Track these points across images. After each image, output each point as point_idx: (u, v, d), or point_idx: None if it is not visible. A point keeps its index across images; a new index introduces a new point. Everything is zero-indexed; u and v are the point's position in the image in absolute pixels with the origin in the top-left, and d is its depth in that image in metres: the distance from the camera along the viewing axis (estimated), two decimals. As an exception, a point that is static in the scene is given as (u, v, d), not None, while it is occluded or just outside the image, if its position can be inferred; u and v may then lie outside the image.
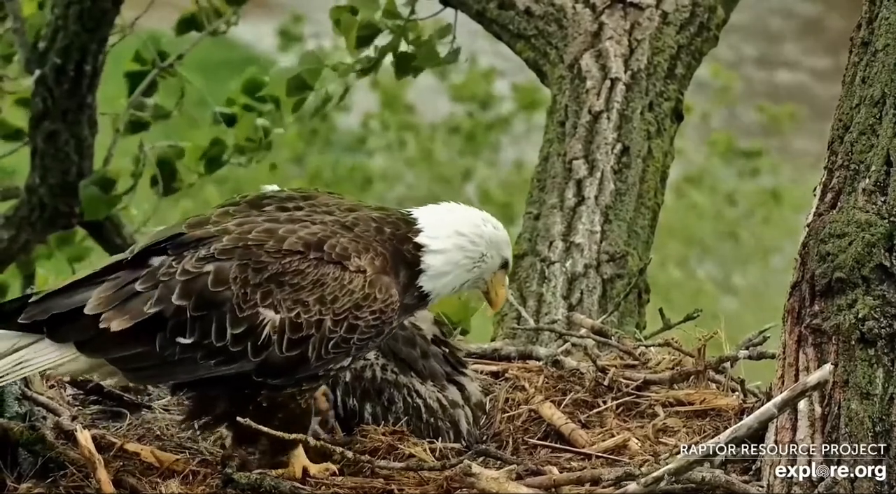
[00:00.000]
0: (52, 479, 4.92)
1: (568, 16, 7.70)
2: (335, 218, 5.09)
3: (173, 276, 4.89)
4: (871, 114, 4.98)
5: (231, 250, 4.92)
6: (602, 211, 7.24)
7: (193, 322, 4.86)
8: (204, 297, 4.87)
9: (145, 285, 4.89)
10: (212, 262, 4.89)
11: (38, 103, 9.12)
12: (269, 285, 4.90)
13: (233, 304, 4.88)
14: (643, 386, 5.73)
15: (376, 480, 4.96)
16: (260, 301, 4.89)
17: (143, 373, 4.93)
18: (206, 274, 4.88)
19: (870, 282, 4.87)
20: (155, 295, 4.87)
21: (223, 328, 4.87)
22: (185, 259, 4.91)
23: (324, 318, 4.93)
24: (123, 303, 4.88)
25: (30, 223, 9.41)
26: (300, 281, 4.93)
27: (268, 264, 4.92)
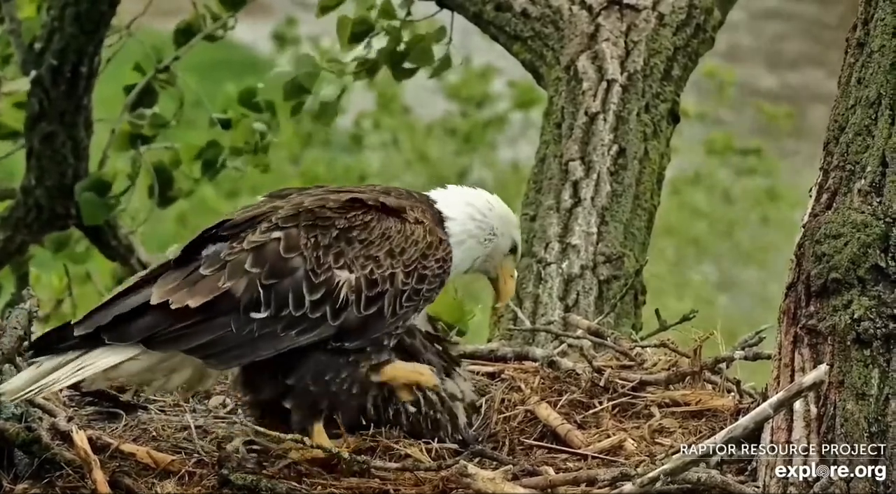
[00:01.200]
0: (49, 480, 4.92)
1: (564, 17, 7.70)
2: (364, 188, 5.09)
3: (241, 251, 4.82)
4: (867, 115, 4.99)
5: (295, 216, 4.88)
6: (598, 212, 7.24)
7: (268, 294, 4.80)
8: (276, 266, 4.81)
9: (212, 267, 4.83)
10: (278, 230, 4.85)
11: (34, 104, 9.11)
12: (340, 244, 4.86)
13: (307, 270, 4.82)
14: (639, 386, 5.73)
15: (372, 480, 4.96)
16: (333, 262, 4.84)
17: (224, 356, 4.84)
18: (276, 241, 4.83)
19: (865, 283, 4.87)
20: (226, 271, 4.80)
21: (300, 295, 4.81)
22: (247, 235, 4.85)
23: (395, 271, 4.92)
24: (192, 286, 4.81)
25: (26, 224, 9.40)
26: (368, 236, 4.91)
27: (334, 221, 4.87)
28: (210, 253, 4.89)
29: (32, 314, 5.46)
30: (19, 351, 5.34)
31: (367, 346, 4.95)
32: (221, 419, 5.45)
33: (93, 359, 4.85)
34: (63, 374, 4.84)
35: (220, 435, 5.22)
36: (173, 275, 4.87)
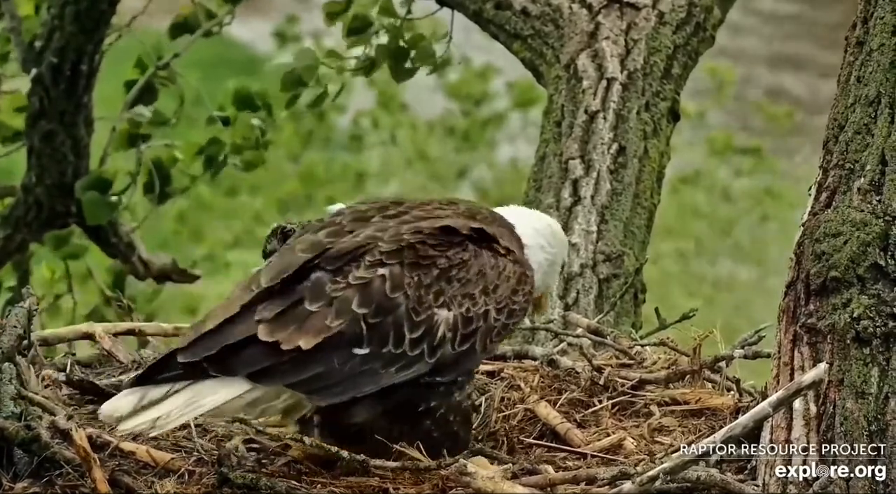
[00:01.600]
0: (48, 478, 4.90)
1: (564, 16, 7.71)
2: (449, 211, 5.08)
3: (346, 287, 4.82)
4: (867, 114, 4.98)
5: (398, 251, 4.88)
6: (598, 211, 7.24)
7: (371, 330, 4.81)
8: (381, 304, 4.82)
9: (317, 303, 4.81)
10: (383, 267, 4.85)
11: (34, 103, 9.12)
12: (440, 283, 4.88)
13: (408, 308, 4.84)
14: (639, 385, 5.73)
15: (372, 479, 4.96)
16: (433, 301, 4.87)
17: (328, 392, 4.83)
18: (382, 279, 4.84)
19: (865, 282, 4.87)
20: (333, 309, 4.80)
21: (401, 333, 4.83)
22: (350, 269, 4.85)
23: (489, 308, 4.94)
24: (301, 324, 4.79)
25: (26, 223, 9.40)
26: (465, 275, 4.93)
27: (436, 260, 4.89)
28: (312, 284, 4.85)
29: (32, 312, 5.46)
30: (19, 350, 5.34)
31: (458, 377, 5.01)
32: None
33: (204, 395, 4.79)
34: (176, 409, 4.77)
35: (219, 434, 5.22)
36: (276, 306, 4.83)
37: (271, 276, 4.86)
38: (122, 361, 5.93)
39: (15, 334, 5.32)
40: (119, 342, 6.08)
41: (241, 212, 19.40)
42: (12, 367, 5.19)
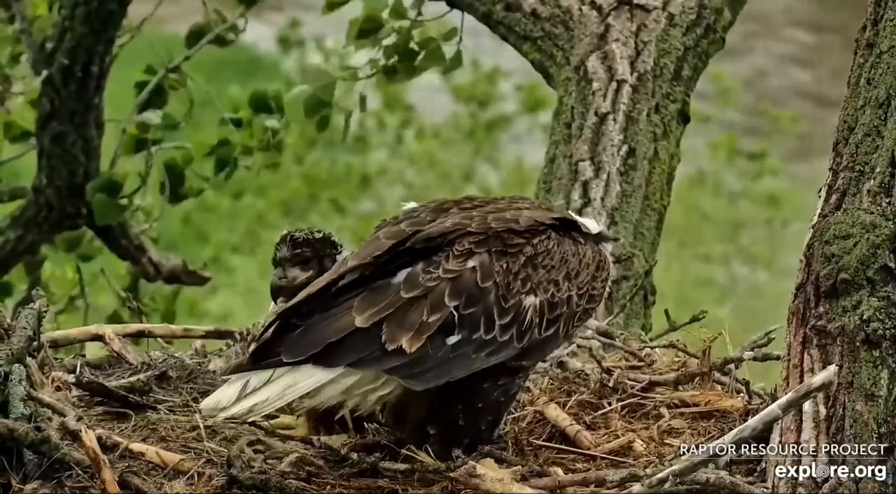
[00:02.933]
0: (58, 480, 4.92)
1: (574, 17, 7.71)
2: (527, 203, 5.23)
3: (439, 280, 4.92)
4: (876, 116, 4.98)
5: (485, 240, 5.00)
6: (608, 212, 7.24)
7: (462, 319, 4.92)
8: (472, 294, 4.93)
9: (412, 292, 4.90)
10: (472, 257, 4.97)
11: (45, 104, 9.13)
12: (527, 270, 5.01)
13: (497, 295, 4.96)
14: (648, 387, 5.73)
15: (381, 480, 4.96)
16: (521, 287, 4.98)
17: (423, 377, 4.91)
18: (473, 271, 4.95)
19: (874, 284, 4.87)
20: (427, 302, 4.89)
21: (491, 320, 4.94)
22: (440, 260, 4.95)
23: (571, 294, 5.08)
24: (402, 318, 4.87)
25: (36, 223, 9.41)
26: (549, 261, 5.06)
27: (522, 247, 5.02)
28: (406, 273, 4.94)
29: (41, 314, 5.47)
30: (29, 352, 5.35)
31: (535, 362, 5.23)
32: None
33: (301, 380, 4.86)
34: (273, 394, 4.84)
35: (228, 436, 5.23)
36: (372, 296, 4.91)
37: (359, 260, 4.96)
38: (131, 362, 5.94)
39: (25, 336, 5.33)
40: (129, 343, 6.09)
41: (245, 213, 19.41)
42: (22, 369, 5.19)
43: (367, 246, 5.04)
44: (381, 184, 20.59)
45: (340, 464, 5.04)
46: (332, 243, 5.59)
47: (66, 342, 6.20)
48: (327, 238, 5.59)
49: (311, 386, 4.85)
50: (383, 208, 20.26)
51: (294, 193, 19.78)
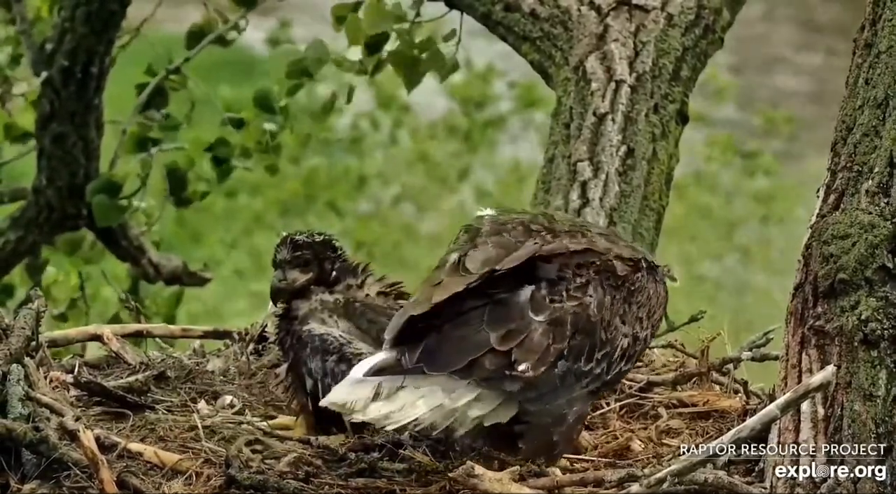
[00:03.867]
0: (56, 480, 4.92)
1: (573, 18, 7.70)
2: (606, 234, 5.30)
3: (563, 307, 4.96)
4: (875, 116, 4.98)
5: (602, 271, 5.06)
6: (607, 213, 7.24)
7: (572, 348, 4.98)
8: (587, 325, 5.00)
9: (540, 316, 4.93)
10: (590, 287, 5.02)
11: (45, 105, 9.13)
12: (625, 305, 5.10)
13: (602, 328, 5.03)
14: (646, 387, 5.74)
15: (379, 481, 4.97)
16: (619, 322, 5.07)
17: (538, 400, 4.98)
18: (589, 304, 5.01)
19: (873, 284, 4.87)
20: (552, 328, 4.94)
21: (593, 351, 5.01)
22: (563, 284, 4.99)
23: (648, 332, 5.19)
24: (531, 341, 4.90)
25: (37, 224, 9.42)
26: (640, 298, 5.14)
27: (626, 282, 5.10)
28: (532, 294, 4.95)
29: (40, 314, 5.47)
30: (27, 352, 5.36)
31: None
32: (229, 419, 5.45)
33: (435, 390, 4.87)
34: (407, 405, 4.85)
35: (227, 436, 5.23)
36: (500, 311, 4.92)
37: (480, 264, 4.96)
38: (129, 362, 5.95)
39: (23, 336, 5.33)
40: (127, 343, 6.10)
41: (241, 214, 19.40)
42: (20, 369, 5.21)
43: (478, 251, 5.02)
44: (377, 185, 20.58)
45: (339, 464, 5.05)
46: (333, 246, 5.60)
47: (64, 342, 6.20)
48: (328, 240, 5.60)
49: (441, 400, 4.86)
50: (380, 208, 20.26)
51: (291, 194, 19.77)
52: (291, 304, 5.57)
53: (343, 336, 5.44)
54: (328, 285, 5.58)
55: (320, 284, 5.58)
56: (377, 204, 20.32)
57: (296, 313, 5.55)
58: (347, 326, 5.50)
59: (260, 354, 6.12)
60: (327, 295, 5.56)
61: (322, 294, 5.56)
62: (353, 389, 4.84)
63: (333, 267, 5.59)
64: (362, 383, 4.84)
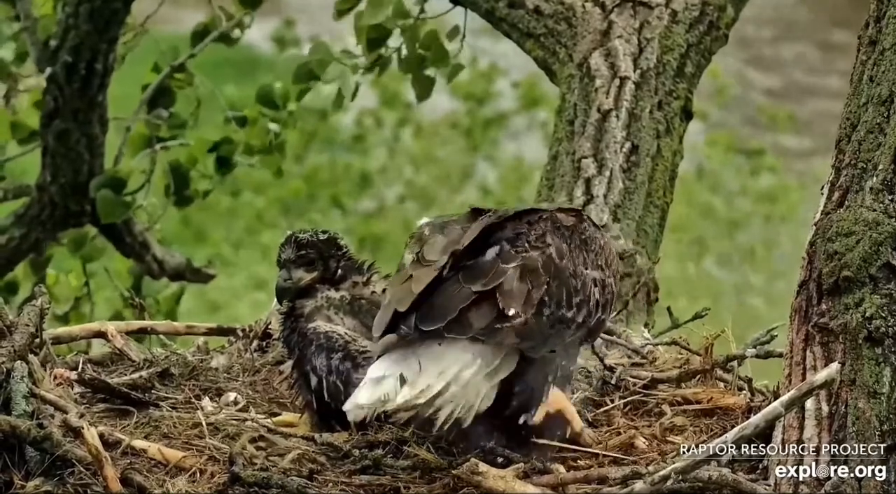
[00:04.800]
0: (60, 477, 4.92)
1: (577, 14, 7.70)
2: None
3: (529, 255, 5.03)
4: (879, 113, 4.98)
5: (553, 223, 5.13)
6: (611, 209, 7.23)
7: (551, 294, 5.02)
8: (558, 271, 5.04)
9: (512, 263, 4.98)
10: (548, 236, 5.08)
11: (49, 102, 9.13)
12: (582, 253, 5.13)
13: (572, 273, 5.07)
14: (650, 384, 5.73)
15: (383, 478, 4.97)
16: (584, 268, 5.12)
17: (535, 349, 5.01)
18: (552, 252, 5.05)
19: (877, 281, 4.87)
20: (528, 274, 4.98)
21: (570, 297, 5.05)
22: (521, 240, 5.07)
23: (610, 278, 5.21)
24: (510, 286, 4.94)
25: (40, 221, 9.43)
26: (594, 247, 5.17)
27: (576, 230, 5.15)
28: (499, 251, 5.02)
29: (44, 311, 5.47)
30: (31, 349, 5.36)
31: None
32: (233, 416, 5.45)
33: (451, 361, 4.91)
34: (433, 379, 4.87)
35: (231, 433, 5.23)
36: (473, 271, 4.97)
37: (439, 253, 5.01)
38: (133, 359, 5.94)
39: (27, 332, 5.33)
40: (131, 340, 6.10)
41: (244, 212, 19.41)
42: (24, 366, 5.21)
43: (432, 245, 5.06)
44: (380, 183, 20.59)
45: (342, 461, 5.05)
46: (337, 244, 5.60)
47: (68, 339, 6.20)
48: (332, 239, 5.60)
49: (457, 369, 4.88)
50: (383, 207, 20.26)
51: (294, 192, 19.77)
52: (296, 302, 5.57)
53: (348, 333, 5.45)
54: (333, 283, 5.58)
55: (325, 282, 5.58)
56: (380, 202, 20.33)
57: (301, 310, 5.55)
58: (353, 323, 5.51)
59: (264, 351, 6.12)
60: (333, 293, 5.57)
61: (328, 291, 5.57)
62: (377, 386, 4.85)
63: (338, 265, 5.59)
64: (382, 379, 4.85)
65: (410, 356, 4.87)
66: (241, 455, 4.98)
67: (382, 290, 5.58)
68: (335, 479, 4.97)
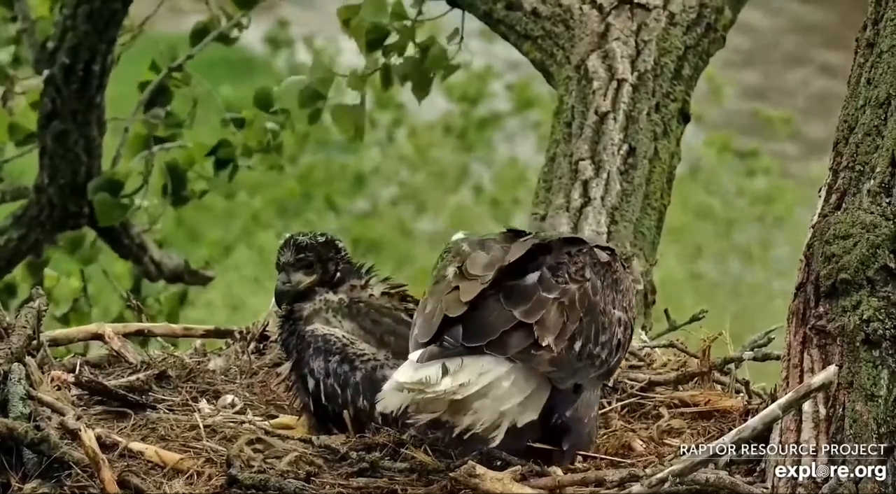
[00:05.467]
0: (57, 479, 4.92)
1: (575, 17, 7.70)
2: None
3: (569, 288, 5.06)
4: (877, 116, 4.98)
5: (592, 256, 5.18)
6: (608, 212, 7.23)
7: (583, 328, 5.06)
8: (592, 306, 5.08)
9: (552, 294, 5.02)
10: (585, 271, 5.12)
11: (47, 103, 9.13)
12: (612, 292, 5.18)
13: (602, 310, 5.11)
14: (648, 387, 5.74)
15: (381, 480, 4.97)
16: (612, 307, 5.16)
17: (563, 380, 5.04)
18: (589, 287, 5.09)
19: (874, 284, 4.87)
20: (565, 306, 5.02)
21: (598, 334, 5.08)
22: (562, 270, 5.10)
23: (632, 321, 5.26)
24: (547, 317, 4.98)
25: (39, 223, 9.42)
26: (622, 287, 5.22)
27: (608, 269, 5.19)
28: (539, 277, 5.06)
29: (41, 313, 5.47)
30: (28, 351, 5.36)
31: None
32: (230, 418, 5.45)
33: (487, 367, 4.93)
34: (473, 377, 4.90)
35: (228, 435, 5.23)
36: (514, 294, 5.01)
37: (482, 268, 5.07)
38: (131, 361, 5.94)
39: (24, 334, 5.34)
40: (128, 342, 6.10)
41: (239, 213, 19.39)
42: (21, 368, 5.21)
43: (474, 260, 5.10)
44: (375, 184, 20.57)
45: (340, 463, 5.05)
46: (336, 246, 5.60)
47: (65, 341, 6.20)
48: (331, 241, 5.60)
49: (495, 376, 4.91)
50: (377, 207, 20.24)
51: (288, 192, 19.76)
52: (295, 304, 5.58)
53: (346, 336, 5.45)
54: (332, 286, 5.58)
55: (324, 285, 5.58)
56: (375, 202, 20.32)
57: (300, 313, 5.56)
58: (352, 326, 5.50)
59: (261, 353, 6.12)
60: (331, 295, 5.57)
61: (326, 294, 5.57)
62: (419, 369, 4.87)
63: (337, 268, 5.59)
64: (425, 365, 4.88)
65: (454, 356, 4.90)
66: (238, 458, 4.98)
67: (381, 294, 5.58)
68: (332, 481, 4.97)
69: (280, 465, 5.02)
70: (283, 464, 5.02)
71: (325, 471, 5.02)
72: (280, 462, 5.04)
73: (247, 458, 5.03)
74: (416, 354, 4.91)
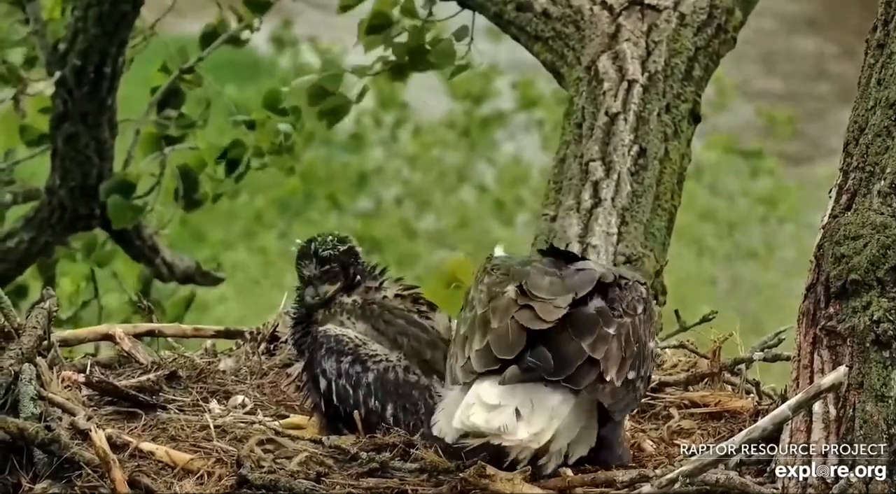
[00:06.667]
0: (68, 479, 4.93)
1: (585, 17, 7.70)
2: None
3: (623, 322, 5.12)
4: (887, 116, 4.98)
5: (633, 290, 5.24)
6: (619, 212, 7.23)
7: (633, 361, 5.12)
8: (637, 341, 5.15)
9: (611, 328, 5.08)
10: (634, 304, 5.20)
11: (58, 105, 9.14)
12: (647, 324, 5.27)
13: (644, 342, 5.21)
14: (658, 387, 5.74)
15: (391, 480, 4.97)
16: (647, 339, 5.24)
17: (620, 411, 5.10)
18: (637, 320, 5.17)
19: (885, 284, 4.86)
20: (622, 339, 5.09)
21: (639, 363, 5.14)
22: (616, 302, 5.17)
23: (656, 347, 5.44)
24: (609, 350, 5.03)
25: (50, 225, 9.43)
26: (653, 318, 5.34)
27: (646, 302, 5.27)
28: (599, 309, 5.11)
29: (52, 313, 5.48)
30: (39, 351, 5.37)
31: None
32: (241, 418, 5.46)
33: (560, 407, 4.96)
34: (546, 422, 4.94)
35: (238, 435, 5.23)
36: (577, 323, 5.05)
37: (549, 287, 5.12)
38: (141, 362, 5.95)
39: (35, 335, 5.34)
40: (139, 343, 6.11)
41: (242, 212, 19.39)
42: (32, 368, 5.22)
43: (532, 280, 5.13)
44: (377, 183, 20.57)
45: (350, 464, 5.05)
46: (355, 252, 5.62)
47: (76, 341, 6.21)
48: (350, 248, 5.61)
49: (564, 417, 4.94)
50: (380, 206, 20.23)
51: (291, 191, 19.75)
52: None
53: (359, 337, 5.45)
54: (347, 288, 5.60)
55: (343, 289, 5.60)
56: (378, 201, 20.31)
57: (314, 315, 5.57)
58: (364, 327, 5.51)
59: (272, 354, 6.13)
60: (345, 297, 5.57)
61: (340, 296, 5.58)
62: (492, 412, 4.89)
63: (355, 271, 5.60)
64: (497, 407, 4.89)
65: (519, 390, 4.92)
66: (248, 458, 4.98)
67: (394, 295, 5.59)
68: (343, 482, 4.97)
69: (290, 465, 5.03)
70: (294, 465, 5.03)
71: (336, 472, 5.02)
72: (290, 462, 5.05)
73: (257, 458, 5.03)
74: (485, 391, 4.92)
